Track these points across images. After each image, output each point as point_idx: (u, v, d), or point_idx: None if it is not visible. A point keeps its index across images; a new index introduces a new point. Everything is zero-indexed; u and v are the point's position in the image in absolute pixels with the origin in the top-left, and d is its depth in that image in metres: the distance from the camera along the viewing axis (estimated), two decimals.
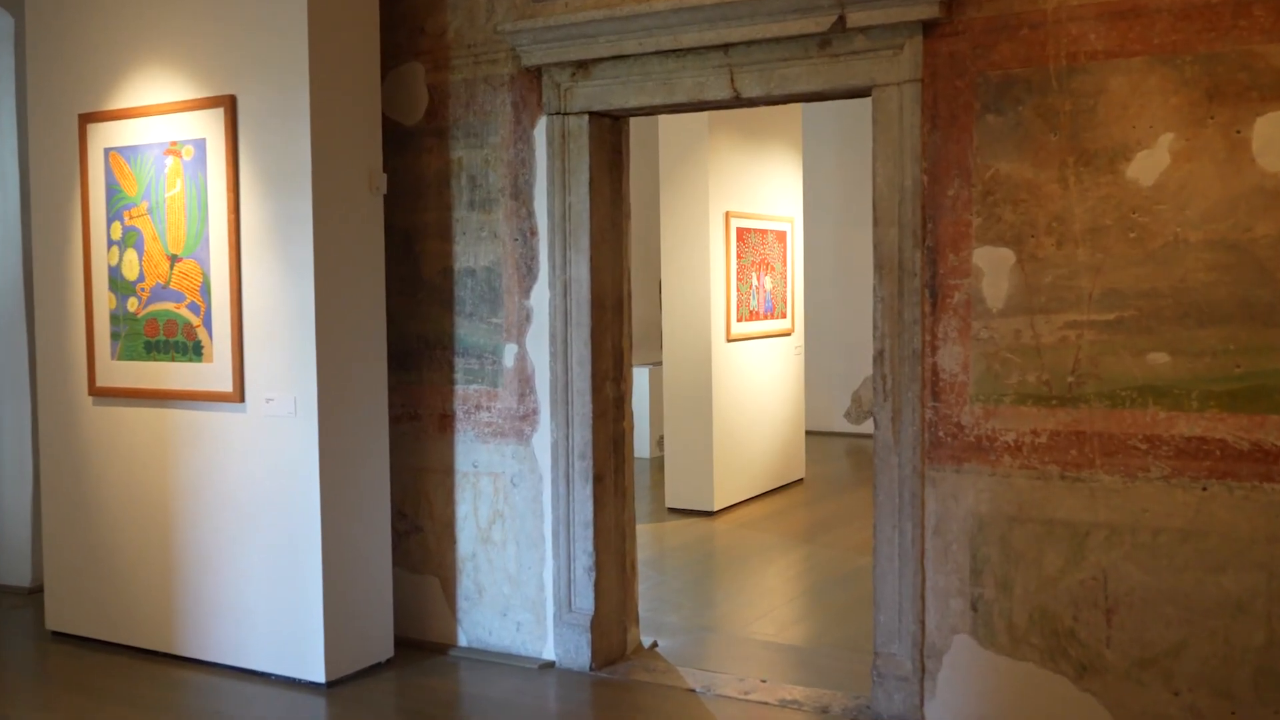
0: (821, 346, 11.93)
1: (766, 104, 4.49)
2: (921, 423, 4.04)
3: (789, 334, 9.29)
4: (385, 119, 5.06)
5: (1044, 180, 3.82)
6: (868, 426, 12.09)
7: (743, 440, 8.64)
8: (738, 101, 4.42)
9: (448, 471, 5.06)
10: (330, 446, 4.60)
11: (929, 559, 4.05)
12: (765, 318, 8.92)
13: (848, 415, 12.26)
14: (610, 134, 4.81)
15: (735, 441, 8.53)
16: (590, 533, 4.74)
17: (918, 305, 4.03)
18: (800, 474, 9.52)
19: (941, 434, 4.01)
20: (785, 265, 9.21)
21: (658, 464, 10.25)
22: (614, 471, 4.86)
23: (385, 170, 4.99)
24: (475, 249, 4.94)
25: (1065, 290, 3.80)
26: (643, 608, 5.80)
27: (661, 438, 10.37)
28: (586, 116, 4.67)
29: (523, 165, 4.81)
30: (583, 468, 4.74)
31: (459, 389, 5.01)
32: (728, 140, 8.41)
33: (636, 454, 10.71)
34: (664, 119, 8.33)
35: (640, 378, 10.78)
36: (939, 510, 4.03)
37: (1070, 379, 3.80)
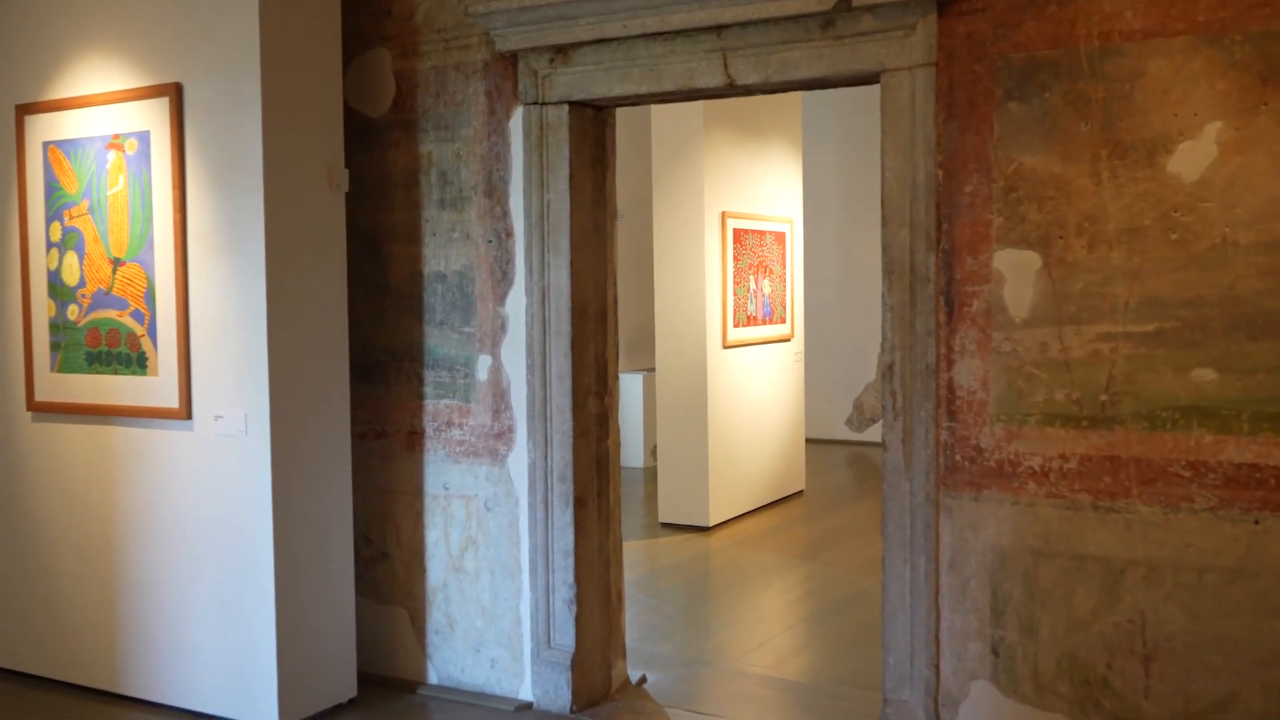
0: (822, 351, 11.52)
1: (763, 92, 4.08)
2: (936, 445, 3.63)
3: (788, 340, 8.89)
4: (348, 110, 4.65)
5: (1074, 175, 3.41)
6: (870, 434, 11.68)
7: (740, 451, 8.23)
8: (732, 89, 4.02)
9: (416, 494, 4.65)
10: (284, 467, 4.19)
11: (944, 596, 3.64)
12: (764, 323, 8.51)
13: (849, 423, 11.85)
14: (593, 126, 4.40)
15: (732, 453, 8.12)
16: (571, 562, 4.32)
17: (931, 314, 3.62)
18: (800, 486, 9.11)
19: (958, 457, 3.61)
20: (784, 268, 8.80)
21: (651, 474, 9.84)
22: (597, 494, 4.45)
23: (348, 166, 4.59)
24: (446, 252, 4.53)
25: (1098, 298, 3.39)
26: (632, 636, 5.39)
27: (655, 447, 9.95)
28: (566, 106, 4.26)
29: (497, 160, 4.41)
30: (563, 491, 4.33)
31: (428, 404, 4.60)
32: (724, 136, 8.01)
33: (628, 464, 10.35)
34: (656, 113, 7.93)
35: (633, 384, 10.38)
36: (955, 542, 3.62)
37: (1103, 398, 3.39)
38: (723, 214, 7.96)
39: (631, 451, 10.42)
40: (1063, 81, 3.41)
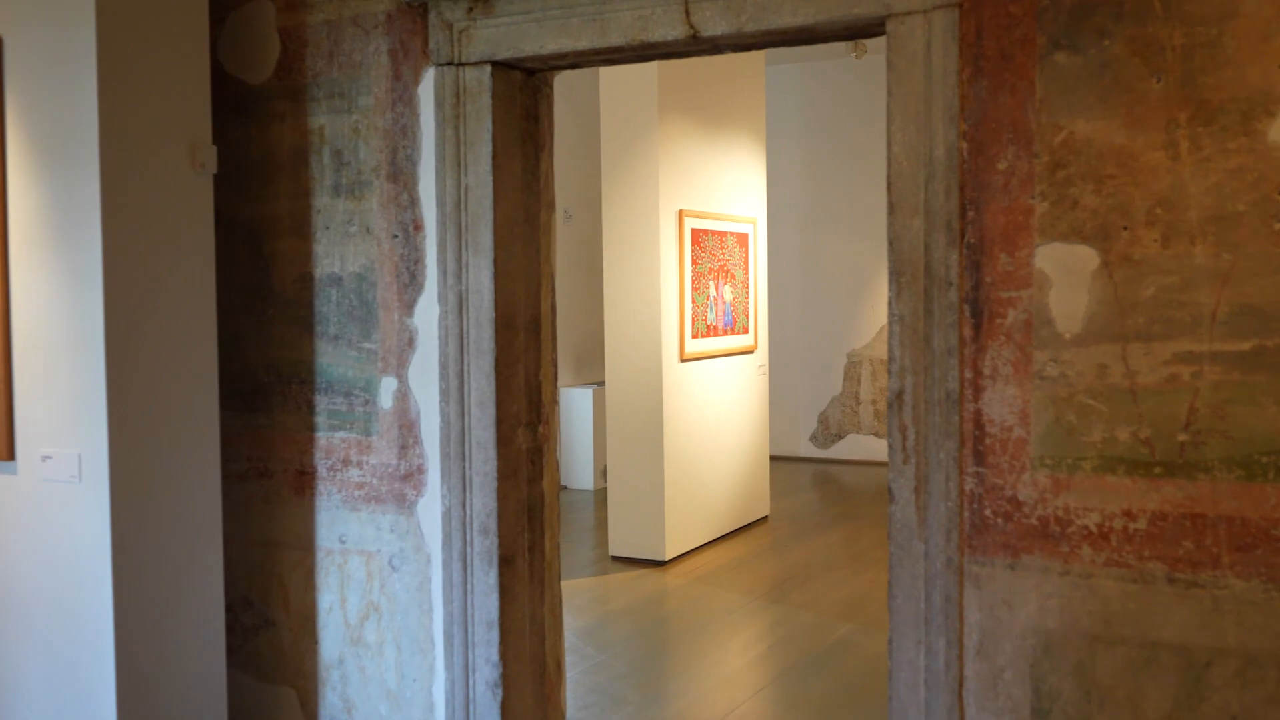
0: (786, 362, 10.73)
1: (735, 48, 3.26)
2: (959, 496, 2.82)
3: (751, 351, 8.08)
4: (222, 75, 3.78)
5: (1143, 147, 2.62)
6: (835, 451, 10.92)
7: (699, 475, 7.41)
8: (695, 43, 3.19)
9: (307, 548, 3.77)
10: (130, 519, 3.31)
11: (970, 691, 2.83)
12: (725, 333, 7.70)
13: (814, 439, 11.07)
14: (523, 93, 3.56)
15: (690, 477, 7.30)
16: (495, 635, 3.47)
17: (954, 328, 2.81)
18: (764, 511, 8.30)
19: (989, 513, 2.80)
20: (747, 273, 8.00)
21: (601, 498, 8.99)
22: (529, 549, 3.60)
23: (222, 142, 3.72)
24: (342, 249, 3.67)
25: (1175, 307, 2.60)
26: (575, 703, 4.56)
27: (605, 468, 9.13)
28: (488, 68, 3.42)
29: (403, 135, 3.55)
30: (485, 546, 3.48)
31: (321, 437, 3.73)
32: (681, 126, 7.19)
33: (577, 485, 9.50)
34: (605, 99, 7.10)
35: (583, 400, 9.53)
36: (985, 622, 2.81)
37: (1183, 437, 2.60)
38: (680, 212, 7.14)
39: (580, 472, 9.58)
40: (1127, 25, 2.62)
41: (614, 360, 7.16)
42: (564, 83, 8.94)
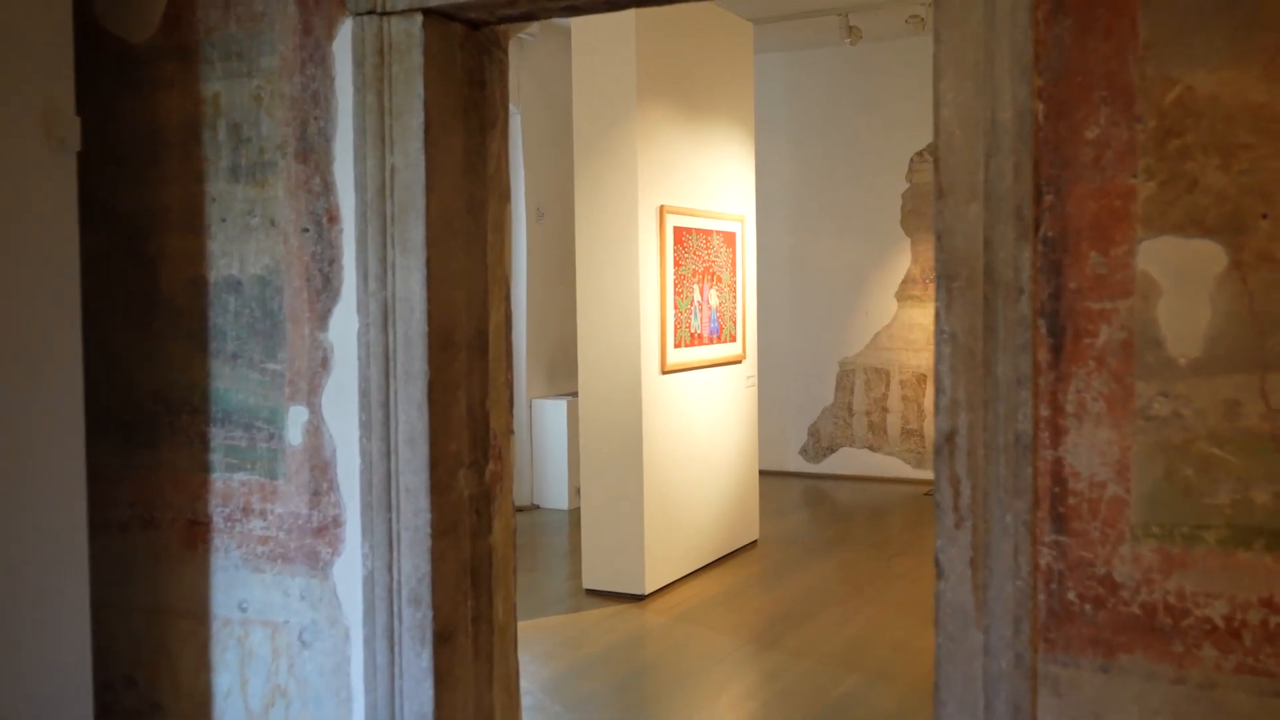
0: (774, 371, 10.04)
1: None
2: (1032, 574, 2.13)
3: (739, 361, 7.38)
4: (96, 31, 3.06)
5: None
6: (827, 465, 10.24)
7: (682, 498, 6.71)
8: None
9: (200, 616, 3.05)
10: None
11: None
12: (710, 342, 7.00)
13: (804, 452, 10.38)
14: (465, 52, 2.85)
15: (672, 501, 6.60)
16: None
17: (1026, 350, 2.12)
18: (753, 535, 7.61)
19: (1073, 597, 2.11)
20: (735, 275, 7.30)
21: (576, 518, 8.26)
22: (472, 621, 2.89)
23: (97, 112, 3.00)
24: (241, 246, 2.95)
25: None
26: None
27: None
28: (420, 18, 2.71)
29: (314, 104, 2.84)
30: (416, 620, 2.77)
31: (217, 479, 3.01)
32: (662, 114, 6.49)
33: (551, 505, 8.81)
34: (577, 79, 6.39)
35: (556, 411, 8.82)
36: None
37: None
38: (661, 209, 6.44)
39: (554, 491, 8.87)
40: None
41: (588, 372, 6.45)
42: (537, 66, 8.24)
